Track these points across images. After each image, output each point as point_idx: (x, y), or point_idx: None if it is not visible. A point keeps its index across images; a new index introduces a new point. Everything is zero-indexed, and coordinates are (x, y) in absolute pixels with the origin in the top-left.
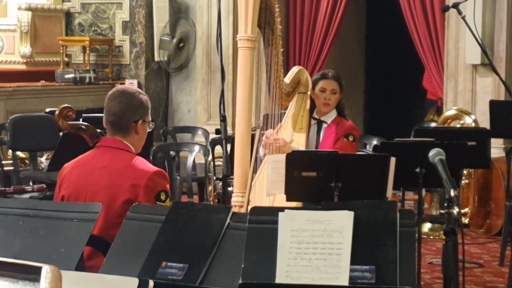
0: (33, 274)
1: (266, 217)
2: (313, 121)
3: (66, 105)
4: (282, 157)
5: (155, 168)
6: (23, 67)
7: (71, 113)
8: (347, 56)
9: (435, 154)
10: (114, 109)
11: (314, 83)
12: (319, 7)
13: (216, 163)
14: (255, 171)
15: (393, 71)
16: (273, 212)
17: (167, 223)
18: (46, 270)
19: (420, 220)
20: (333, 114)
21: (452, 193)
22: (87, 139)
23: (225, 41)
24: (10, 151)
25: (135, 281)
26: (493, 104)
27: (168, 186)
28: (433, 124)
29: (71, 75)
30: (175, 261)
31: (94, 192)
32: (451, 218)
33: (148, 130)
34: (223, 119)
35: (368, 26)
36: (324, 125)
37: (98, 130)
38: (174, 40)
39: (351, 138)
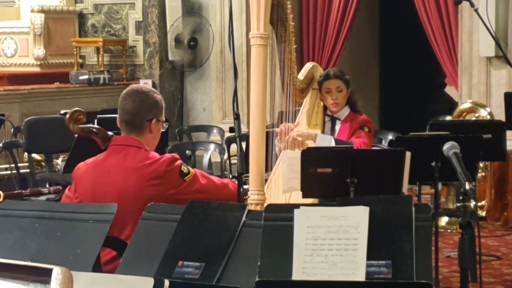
0: (44, 276)
1: (282, 214)
2: (326, 118)
3: (76, 108)
4: (297, 154)
5: (168, 155)
6: (37, 69)
7: (81, 116)
8: (361, 51)
9: (450, 148)
10: (128, 107)
11: (320, 85)
12: (332, 3)
13: (232, 161)
14: (270, 168)
15: (407, 65)
16: (288, 209)
17: (182, 222)
18: (57, 272)
19: (437, 214)
20: (346, 111)
21: (467, 186)
22: (99, 142)
23: (238, 39)
24: (25, 153)
25: (150, 281)
26: (508, 96)
27: (181, 161)
28: (448, 118)
29: (85, 77)
30: (191, 260)
31: (114, 193)
32: (466, 211)
33: (162, 130)
34: (236, 117)
35: (381, 21)
36: (338, 122)
37: (110, 133)
38: (188, 39)
39: (366, 129)
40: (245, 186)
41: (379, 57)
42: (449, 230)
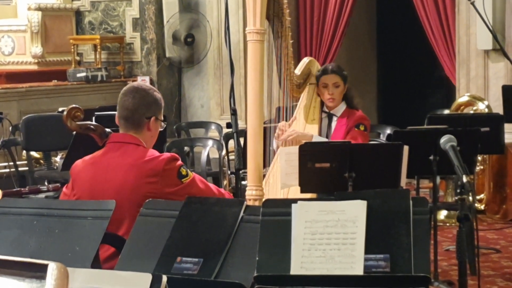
0: (40, 271)
1: (279, 209)
2: (323, 115)
3: (74, 105)
4: (295, 149)
5: (167, 154)
6: (34, 67)
7: (79, 113)
8: (359, 46)
9: (446, 141)
10: (127, 104)
11: (317, 80)
12: None
13: (230, 157)
14: (268, 164)
15: (405, 59)
16: (286, 204)
17: (181, 218)
18: (52, 267)
19: (436, 207)
20: (342, 107)
21: (464, 179)
22: (97, 139)
23: (236, 35)
24: (24, 151)
25: (148, 277)
26: (506, 89)
27: (182, 163)
28: (446, 111)
29: (83, 74)
30: (190, 256)
31: (112, 190)
32: (464, 204)
33: (160, 129)
34: (233, 112)
35: (378, 16)
36: (335, 118)
37: (107, 130)
38: (184, 36)
39: (362, 128)
40: (243, 182)
41: (376, 51)
42: (448, 224)
